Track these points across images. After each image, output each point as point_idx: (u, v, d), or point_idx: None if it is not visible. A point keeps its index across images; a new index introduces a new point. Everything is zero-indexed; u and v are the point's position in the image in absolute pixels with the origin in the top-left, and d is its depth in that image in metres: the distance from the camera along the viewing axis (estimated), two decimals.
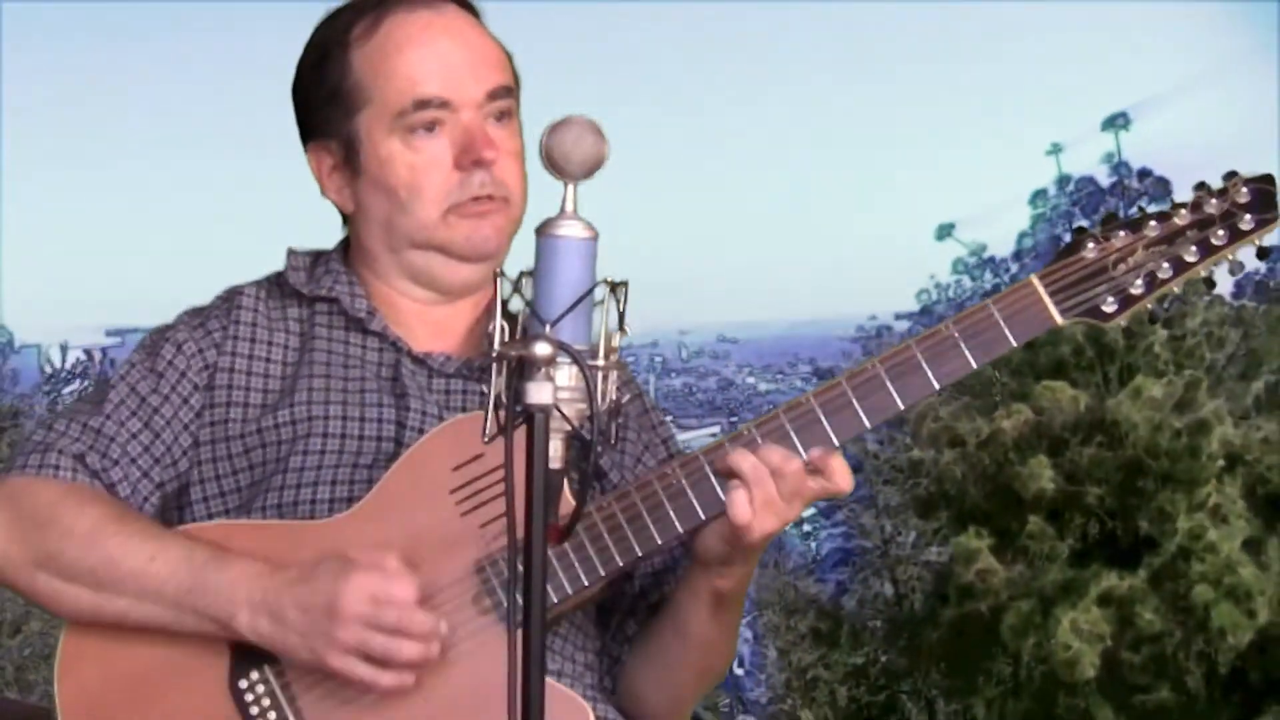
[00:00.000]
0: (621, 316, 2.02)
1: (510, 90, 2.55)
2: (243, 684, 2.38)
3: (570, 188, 1.94)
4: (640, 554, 2.41)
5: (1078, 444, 20.52)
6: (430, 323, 2.59)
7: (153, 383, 2.52)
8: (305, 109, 2.59)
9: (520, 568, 1.86)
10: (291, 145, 2.64)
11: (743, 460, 2.32)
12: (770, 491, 2.31)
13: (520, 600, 1.85)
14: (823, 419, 2.37)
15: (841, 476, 2.35)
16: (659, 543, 2.40)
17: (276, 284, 2.63)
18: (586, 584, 2.40)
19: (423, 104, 2.48)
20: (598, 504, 2.41)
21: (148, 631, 2.39)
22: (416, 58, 2.49)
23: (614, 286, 1.97)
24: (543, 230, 1.95)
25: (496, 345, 1.91)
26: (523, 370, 1.87)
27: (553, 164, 1.93)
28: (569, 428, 1.91)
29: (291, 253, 2.64)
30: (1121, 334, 20.79)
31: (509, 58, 2.59)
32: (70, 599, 2.41)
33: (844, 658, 26.64)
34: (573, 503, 2.27)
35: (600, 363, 1.94)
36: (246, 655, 2.37)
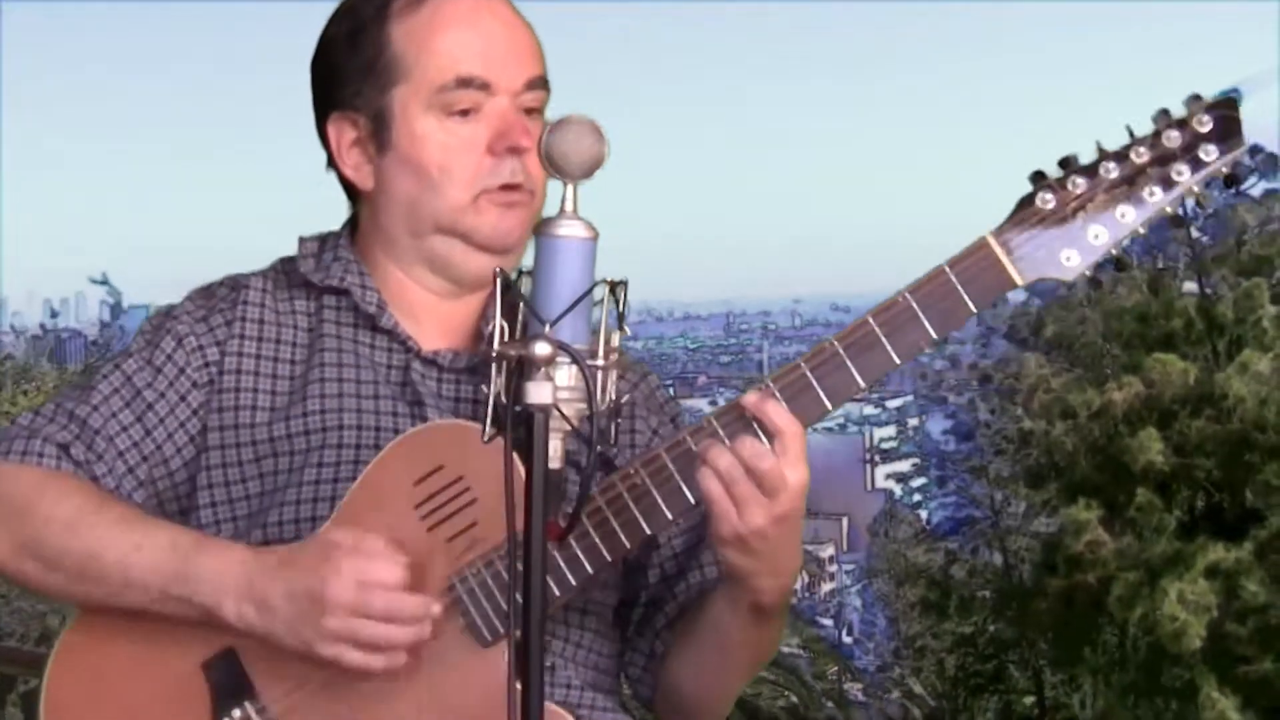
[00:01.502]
0: (621, 316, 2.01)
1: (545, 83, 2.49)
2: None
3: (570, 188, 1.94)
4: (628, 546, 2.31)
5: (1187, 417, 20.31)
6: (439, 317, 2.52)
7: (149, 376, 2.47)
8: (331, 79, 2.51)
9: (518, 570, 1.84)
10: None
11: (719, 457, 2.21)
12: (748, 490, 2.20)
13: (520, 604, 1.84)
14: (783, 405, 2.25)
15: (780, 418, 2.21)
16: (647, 532, 2.31)
17: (283, 272, 2.57)
18: (574, 583, 2.31)
19: (465, 82, 2.42)
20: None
21: (132, 667, 2.38)
22: (462, 37, 2.44)
23: (613, 286, 1.96)
24: (542, 230, 1.94)
25: (496, 345, 1.90)
26: (522, 370, 1.86)
27: (552, 164, 1.92)
28: (569, 427, 1.91)
29: (302, 240, 2.57)
30: (1231, 308, 20.57)
31: (543, 56, 2.52)
32: (55, 585, 2.40)
33: (953, 627, 26.52)
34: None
35: (600, 362, 1.94)
36: (228, 691, 2.34)
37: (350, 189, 2.56)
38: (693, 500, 2.27)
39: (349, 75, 2.48)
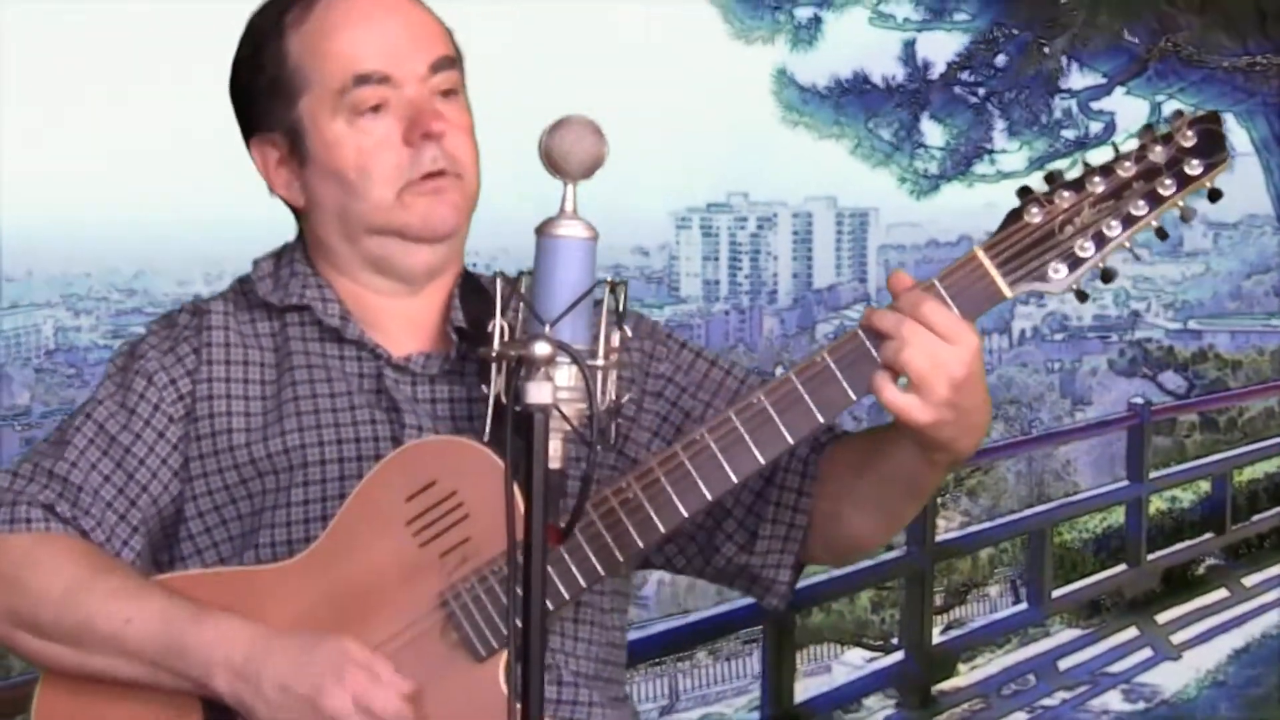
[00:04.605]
0: (621, 316, 2.00)
1: (453, 62, 2.46)
2: None
3: (570, 188, 1.94)
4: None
5: None
6: (401, 318, 2.48)
7: (123, 419, 2.44)
8: (245, 104, 2.51)
9: (520, 577, 1.84)
10: None
11: (884, 319, 2.18)
12: (930, 341, 2.16)
13: (522, 603, 1.84)
14: (774, 416, 2.24)
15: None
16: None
17: (242, 294, 2.54)
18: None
19: (363, 79, 2.39)
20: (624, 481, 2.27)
21: (120, 692, 2.35)
22: (353, 36, 2.41)
23: (613, 286, 1.97)
24: (542, 230, 1.94)
25: (496, 345, 1.90)
26: (521, 370, 1.86)
27: (552, 164, 1.92)
28: (568, 427, 1.91)
29: (256, 262, 2.55)
30: None
31: (450, 34, 2.49)
32: (49, 656, 2.36)
33: None
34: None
35: (600, 362, 1.94)
36: (217, 711, 2.31)
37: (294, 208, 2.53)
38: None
39: (257, 96, 2.47)
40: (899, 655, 9.60)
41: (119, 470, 2.41)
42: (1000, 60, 14.72)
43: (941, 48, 14.72)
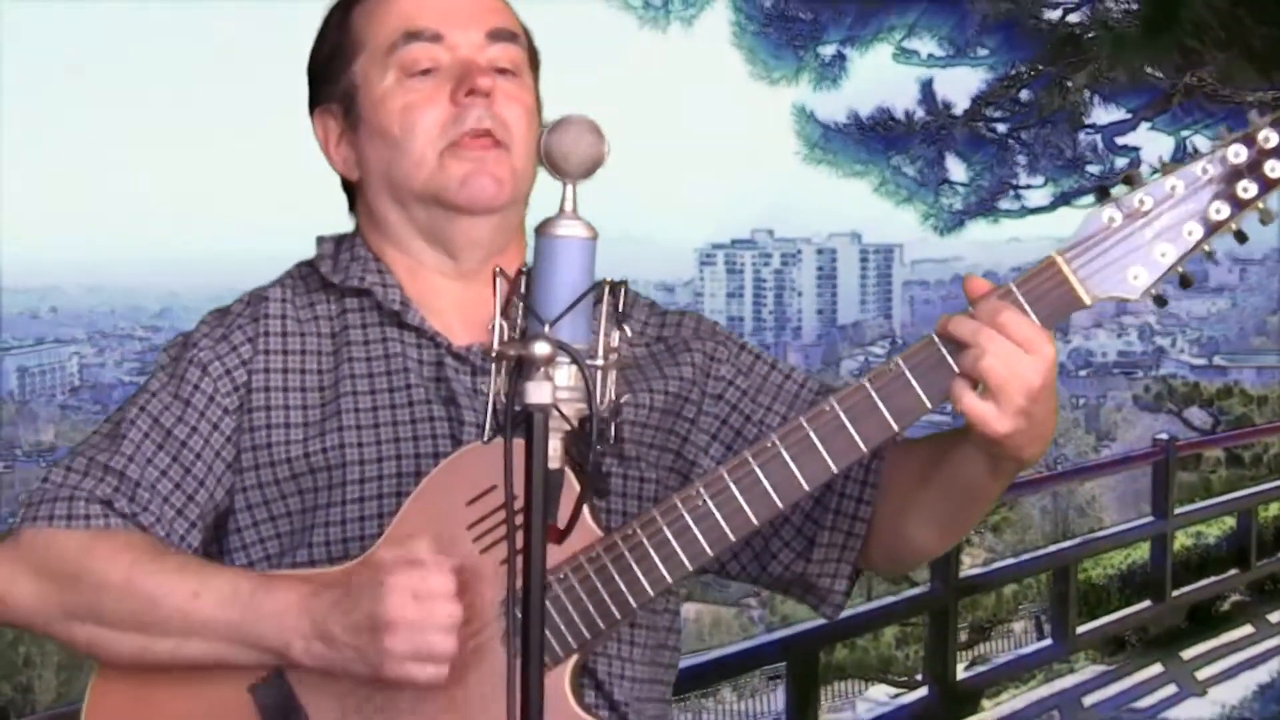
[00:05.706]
0: (621, 316, 1.98)
1: (515, 37, 2.42)
2: None
3: (569, 187, 1.91)
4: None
5: None
6: (460, 308, 2.42)
7: (178, 411, 2.38)
8: (310, 81, 2.49)
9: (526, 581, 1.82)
10: None
11: (961, 326, 2.13)
12: (1008, 350, 2.10)
13: (525, 596, 1.81)
14: (847, 424, 2.20)
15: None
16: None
17: (300, 278, 2.48)
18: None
19: (414, 35, 2.36)
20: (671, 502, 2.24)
21: (174, 685, 2.30)
22: (412, 1, 2.39)
23: (613, 286, 1.94)
24: (542, 230, 1.92)
25: (496, 344, 1.88)
26: (521, 370, 1.84)
27: (552, 164, 1.89)
28: (568, 428, 1.88)
29: (320, 240, 2.50)
30: None
31: (520, 21, 2.45)
32: (112, 644, 2.30)
33: None
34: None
35: (600, 362, 1.92)
36: (277, 714, 2.26)
37: (348, 191, 2.50)
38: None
39: (319, 71, 2.46)
40: (923, 691, 9.54)
41: (175, 464, 2.36)
42: (1024, 96, 14.69)
43: (965, 84, 14.68)
